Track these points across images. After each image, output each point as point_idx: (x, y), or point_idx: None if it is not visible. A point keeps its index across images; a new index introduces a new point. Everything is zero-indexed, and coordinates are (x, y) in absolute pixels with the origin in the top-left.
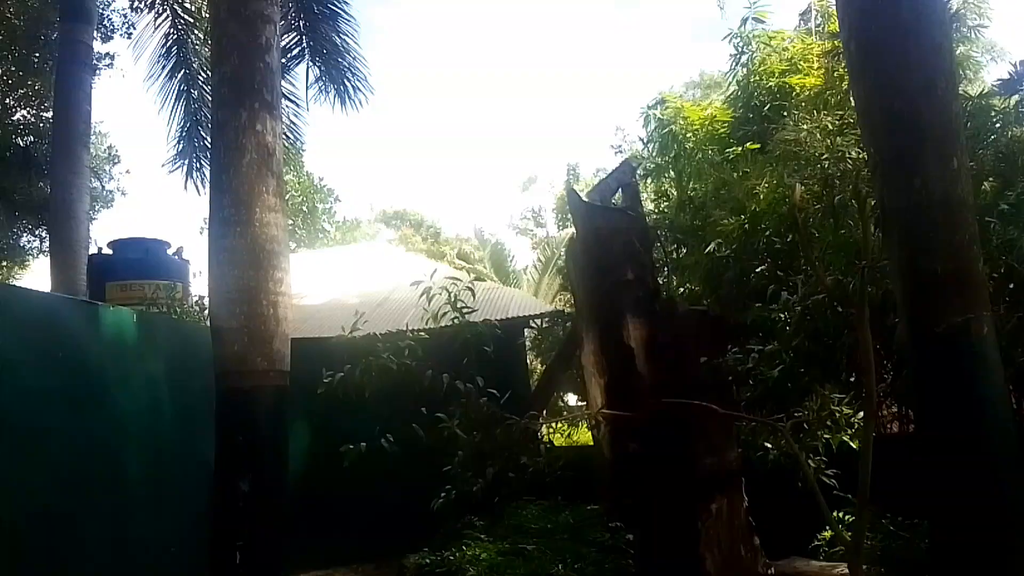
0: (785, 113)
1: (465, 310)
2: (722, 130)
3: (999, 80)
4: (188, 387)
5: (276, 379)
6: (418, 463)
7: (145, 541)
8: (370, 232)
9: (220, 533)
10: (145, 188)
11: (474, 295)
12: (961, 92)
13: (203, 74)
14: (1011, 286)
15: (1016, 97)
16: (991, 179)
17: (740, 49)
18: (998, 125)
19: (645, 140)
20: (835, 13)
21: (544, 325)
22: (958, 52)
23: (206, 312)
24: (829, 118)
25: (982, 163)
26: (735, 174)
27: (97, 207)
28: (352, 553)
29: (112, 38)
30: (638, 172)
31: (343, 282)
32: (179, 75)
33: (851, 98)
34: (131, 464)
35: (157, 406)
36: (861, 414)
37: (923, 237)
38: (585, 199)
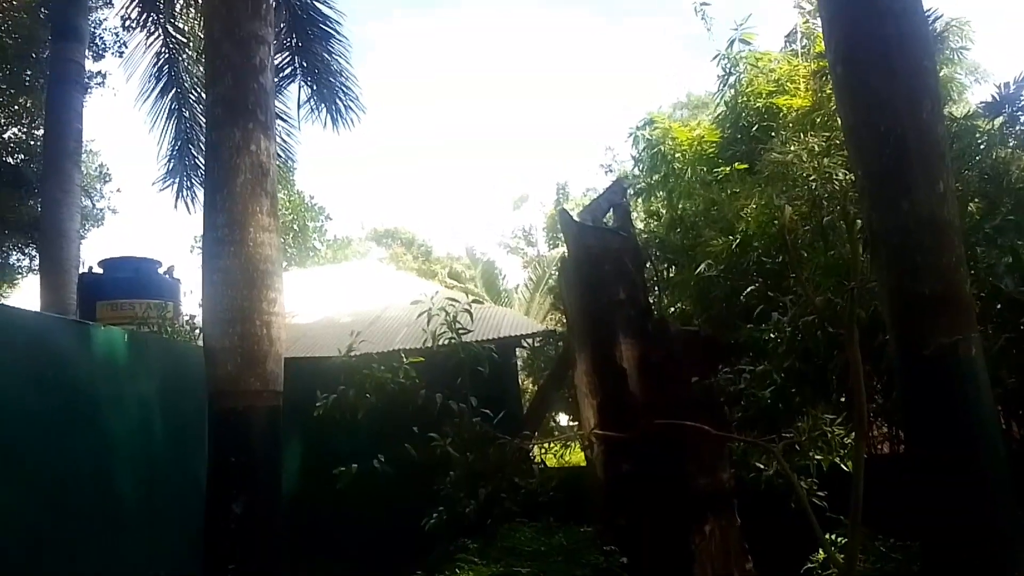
0: (773, 134)
1: (462, 331)
2: (710, 150)
3: (983, 102)
4: (180, 407)
5: (269, 399)
6: (411, 484)
7: (135, 563)
8: (361, 250)
9: (212, 556)
10: (136, 206)
11: (472, 317)
12: (946, 113)
13: (195, 93)
14: (998, 307)
15: (1000, 119)
16: (976, 200)
17: (728, 70)
18: (983, 147)
19: (635, 160)
20: (820, 35)
21: (536, 344)
22: (942, 74)
23: (197, 331)
24: (816, 139)
25: (967, 184)
26: (724, 194)
27: (88, 226)
28: (344, 575)
29: (104, 56)
30: (629, 192)
31: (335, 301)
32: (170, 94)
33: (838, 119)
34: (121, 485)
35: (148, 427)
36: (852, 435)
37: (911, 259)
38: (577, 219)
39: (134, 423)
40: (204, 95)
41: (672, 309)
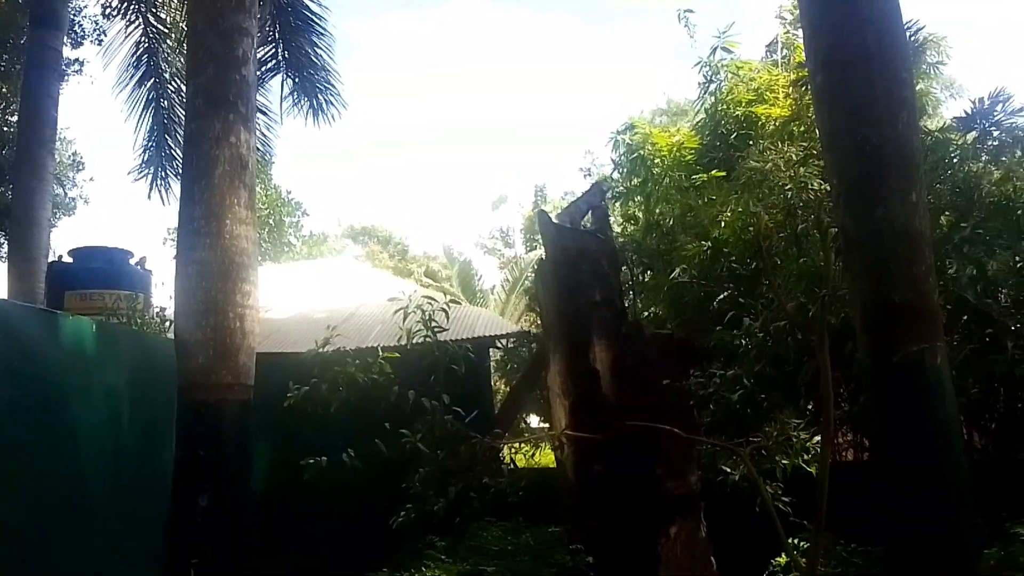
0: (751, 142)
1: (437, 329)
2: (689, 156)
3: (957, 116)
4: (149, 400)
5: (241, 393)
6: (381, 480)
7: (101, 556)
8: (337, 247)
9: (177, 548)
10: (108, 196)
11: (448, 316)
12: (921, 126)
13: (174, 84)
14: (963, 318)
15: (973, 134)
16: (947, 212)
17: (709, 77)
18: (955, 160)
19: (614, 164)
20: (799, 45)
21: (510, 345)
22: (918, 87)
23: (168, 324)
24: (793, 148)
25: (939, 196)
26: (701, 200)
27: (59, 214)
28: (311, 570)
29: (82, 44)
30: (607, 195)
31: (309, 296)
32: (149, 83)
33: (815, 130)
34: (87, 477)
35: (116, 419)
36: (818, 440)
37: (883, 267)
38: (555, 220)
39: (102, 415)
40: (184, 86)
41: (646, 313)
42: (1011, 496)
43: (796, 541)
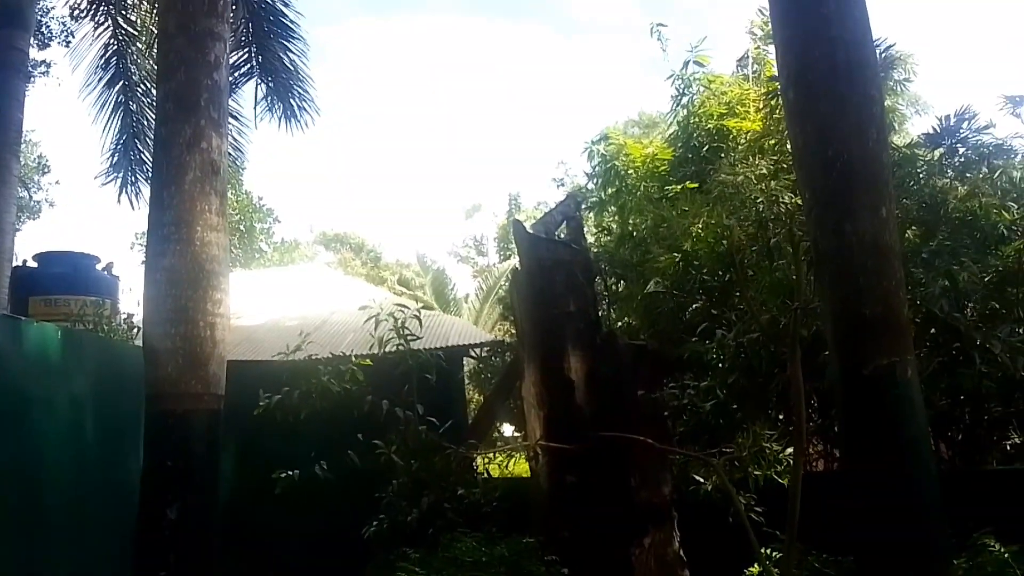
0: (723, 155)
1: (410, 337)
2: (662, 168)
3: (924, 133)
4: (115, 409)
5: (211, 403)
6: (353, 491)
7: (63, 567)
8: (308, 254)
9: (143, 562)
10: (74, 200)
11: (421, 323)
12: (889, 142)
13: (143, 87)
14: (932, 331)
15: (940, 150)
16: (914, 227)
17: (681, 91)
18: (922, 176)
19: (589, 174)
20: (770, 61)
21: (484, 354)
22: (886, 104)
23: (135, 331)
24: (764, 162)
25: (907, 211)
26: (674, 212)
27: (23, 218)
28: None
29: (49, 45)
30: (582, 206)
31: (280, 304)
32: (118, 86)
33: (787, 143)
34: (50, 488)
35: (81, 428)
36: (790, 451)
37: (853, 281)
38: (530, 230)
39: (66, 424)
40: (154, 89)
41: (620, 323)
42: (977, 507)
43: (769, 551)
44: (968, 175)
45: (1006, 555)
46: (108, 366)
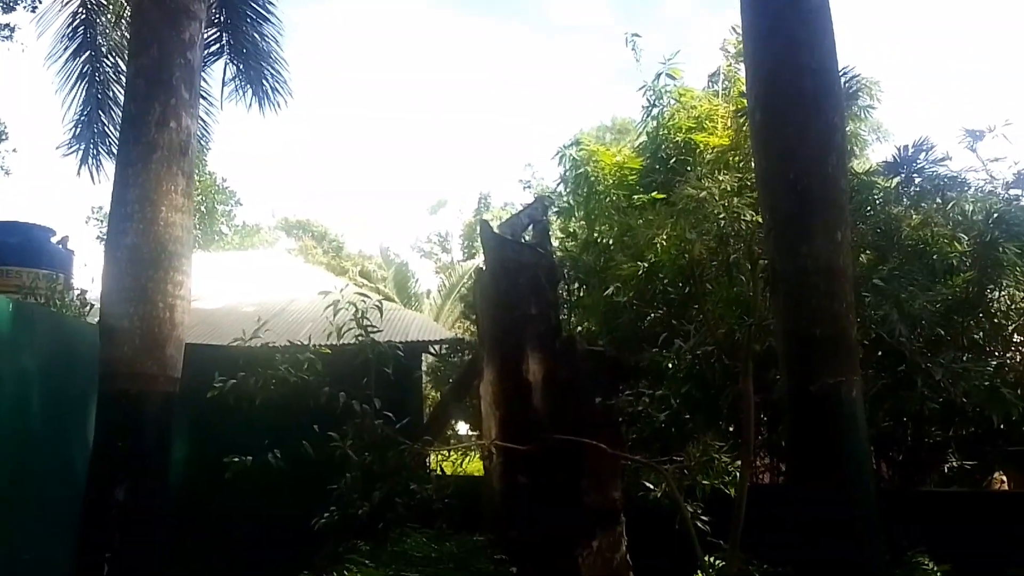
0: (689, 168)
1: (370, 328)
2: (631, 177)
3: (884, 161)
4: (65, 386)
5: (166, 385)
6: (306, 481)
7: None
8: (269, 239)
9: (89, 542)
10: (32, 169)
11: (382, 314)
12: (848, 167)
13: (110, 59)
14: (879, 353)
15: (897, 178)
16: (868, 252)
17: (652, 102)
18: (879, 202)
19: (561, 178)
20: (741, 78)
21: (443, 352)
22: (848, 129)
23: (89, 308)
24: (729, 178)
25: (861, 236)
26: (640, 220)
27: None
28: (231, 569)
29: (15, 9)
30: (550, 210)
31: (239, 288)
32: (84, 55)
33: (751, 161)
34: None
35: (28, 404)
36: (738, 463)
37: (806, 302)
38: (496, 231)
39: (12, 399)
40: (121, 63)
41: (580, 328)
42: (914, 526)
43: (712, 559)
44: (923, 204)
45: (938, 573)
46: (59, 342)
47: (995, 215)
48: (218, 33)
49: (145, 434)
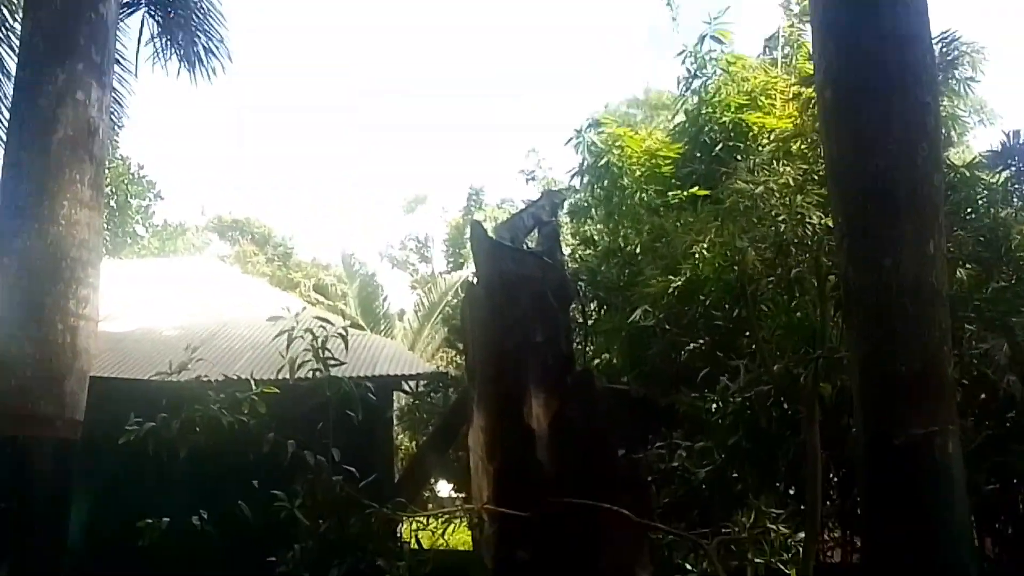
0: (740, 157)
1: (332, 363)
2: (665, 167)
3: (989, 150)
4: None
5: (64, 430)
6: (242, 552)
7: None
8: (198, 243)
9: None
10: None
11: (347, 344)
12: (944, 159)
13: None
14: (981, 396)
15: (1006, 173)
16: (968, 266)
17: (693, 72)
18: (982, 203)
19: (577, 169)
20: (806, 44)
21: (421, 389)
22: (944, 110)
23: None
24: (791, 170)
25: (960, 246)
26: (676, 223)
27: None
28: None
29: None
30: (562, 208)
31: (159, 305)
32: None
33: (819, 149)
34: None
35: None
36: (801, 535)
37: (889, 329)
38: (493, 235)
39: None
40: (12, 18)
41: (598, 360)
42: None
43: None
44: None
45: None
46: None
47: None
48: None
49: (36, 493)
